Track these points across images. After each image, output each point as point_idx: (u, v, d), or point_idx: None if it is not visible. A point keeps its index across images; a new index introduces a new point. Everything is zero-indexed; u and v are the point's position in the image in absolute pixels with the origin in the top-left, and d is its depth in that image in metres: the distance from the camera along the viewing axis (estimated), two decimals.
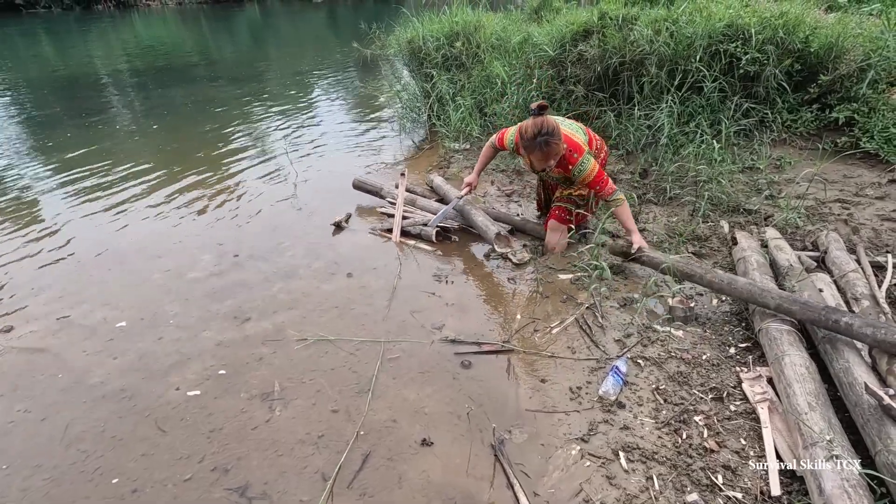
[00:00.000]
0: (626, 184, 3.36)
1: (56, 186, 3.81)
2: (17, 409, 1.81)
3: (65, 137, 4.99)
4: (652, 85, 3.65)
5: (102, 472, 1.57)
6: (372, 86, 6.89)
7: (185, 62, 9.86)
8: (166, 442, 1.68)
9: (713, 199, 2.97)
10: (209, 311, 2.33)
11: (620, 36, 3.72)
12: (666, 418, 1.68)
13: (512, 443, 1.64)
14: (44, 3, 20.40)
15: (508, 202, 3.30)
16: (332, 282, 2.55)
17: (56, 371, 1.99)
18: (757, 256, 2.32)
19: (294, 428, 1.72)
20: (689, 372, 1.87)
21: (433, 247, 2.83)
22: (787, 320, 1.87)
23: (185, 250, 2.87)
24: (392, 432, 1.69)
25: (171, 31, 16.37)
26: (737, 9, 3.66)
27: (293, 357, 2.04)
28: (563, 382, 1.87)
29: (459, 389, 1.86)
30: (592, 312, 2.23)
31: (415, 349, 2.07)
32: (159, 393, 1.87)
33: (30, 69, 8.94)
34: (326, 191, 3.65)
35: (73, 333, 2.20)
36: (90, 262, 2.76)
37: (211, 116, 5.76)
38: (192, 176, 3.96)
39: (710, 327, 2.11)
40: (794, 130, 3.62)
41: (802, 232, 2.66)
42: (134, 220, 3.25)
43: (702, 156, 3.18)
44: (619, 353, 1.98)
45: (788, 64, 3.46)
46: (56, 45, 12.25)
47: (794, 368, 1.63)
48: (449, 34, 4.64)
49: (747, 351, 1.95)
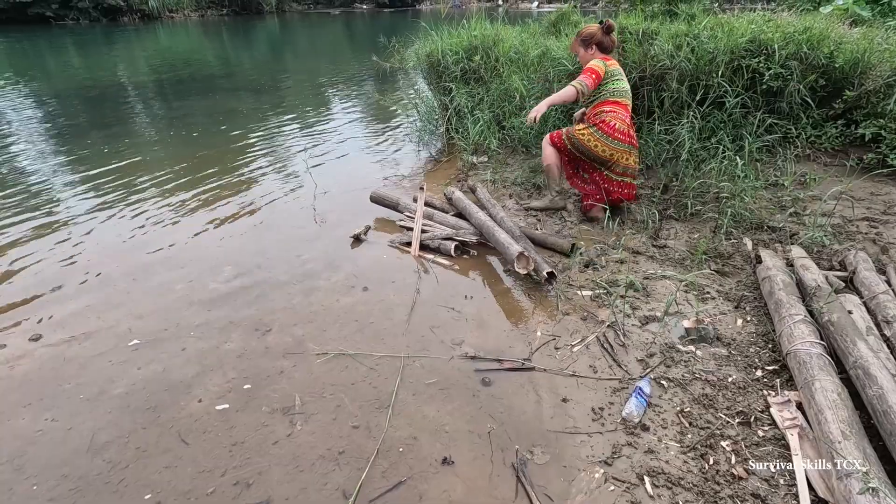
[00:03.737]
0: (647, 199, 3.33)
1: (81, 196, 3.90)
2: (45, 418, 1.84)
3: (90, 147, 5.12)
4: (672, 100, 3.63)
5: (127, 484, 1.58)
6: (390, 98, 6.96)
7: (206, 73, 10.07)
8: (189, 454, 1.69)
9: (736, 216, 2.93)
10: (231, 323, 2.36)
11: (641, 51, 3.71)
12: (692, 442, 1.65)
13: (534, 464, 1.62)
14: (72, 16, 21.03)
15: (527, 216, 3.30)
16: (352, 295, 2.56)
17: (82, 380, 2.02)
18: (783, 276, 2.28)
19: (315, 443, 1.72)
20: (714, 394, 1.84)
21: (451, 261, 2.83)
22: (817, 343, 1.83)
23: (206, 261, 2.91)
24: (413, 450, 1.69)
25: (193, 42, 16.76)
26: (759, 24, 3.63)
27: (313, 371, 2.04)
28: (585, 402, 1.85)
29: (480, 407, 1.85)
30: (614, 330, 2.21)
31: (435, 365, 2.06)
32: (182, 404, 1.89)
33: (57, 80, 9.20)
34: (345, 203, 3.69)
35: (98, 343, 2.24)
36: (115, 273, 2.81)
37: (231, 127, 5.86)
38: (213, 187, 4.03)
39: (735, 348, 2.07)
40: (818, 146, 3.57)
41: (829, 251, 2.61)
42: (157, 231, 3.31)
43: (724, 172, 3.14)
44: (642, 374, 1.96)
45: (813, 79, 3.42)
46: (83, 56, 12.61)
47: (825, 394, 1.59)
48: (468, 48, 4.67)
49: (775, 374, 1.91)
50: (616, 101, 2.92)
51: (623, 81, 2.98)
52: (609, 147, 2.90)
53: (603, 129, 2.89)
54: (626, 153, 2.95)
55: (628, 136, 2.93)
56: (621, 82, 2.96)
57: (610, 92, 2.92)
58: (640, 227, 3.04)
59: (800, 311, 2.02)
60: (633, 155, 3.00)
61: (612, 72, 2.93)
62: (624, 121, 2.91)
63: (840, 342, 1.83)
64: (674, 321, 2.25)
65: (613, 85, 2.93)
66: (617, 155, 2.93)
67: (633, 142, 2.98)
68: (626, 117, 2.93)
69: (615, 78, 2.94)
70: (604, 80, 2.91)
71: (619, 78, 2.96)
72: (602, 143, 2.90)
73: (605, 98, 2.93)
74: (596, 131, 2.91)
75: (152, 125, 6.19)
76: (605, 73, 2.90)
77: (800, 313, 2.00)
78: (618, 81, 2.94)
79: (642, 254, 2.79)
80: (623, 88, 2.96)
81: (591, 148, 2.93)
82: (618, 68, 2.98)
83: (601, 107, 2.94)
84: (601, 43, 2.97)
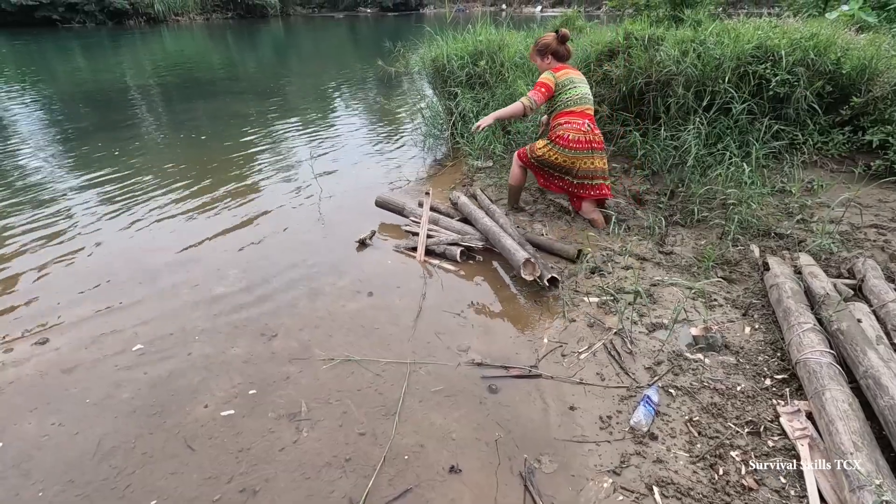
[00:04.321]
0: (653, 204, 3.32)
1: (87, 199, 3.91)
2: (51, 423, 1.84)
3: (95, 150, 5.14)
4: (679, 105, 3.62)
5: (133, 490, 1.58)
6: (395, 102, 6.98)
7: (211, 76, 10.12)
8: (195, 460, 1.68)
9: (743, 223, 2.91)
10: (236, 328, 2.36)
11: (647, 56, 3.71)
12: (701, 452, 1.64)
13: (541, 472, 1.61)
14: (78, 19, 21.21)
15: (532, 222, 3.29)
16: (357, 300, 2.56)
17: (88, 385, 2.02)
18: (791, 283, 2.27)
19: (321, 450, 1.71)
20: (723, 403, 1.82)
21: (457, 267, 2.83)
22: (826, 352, 1.81)
23: (212, 265, 2.91)
24: (420, 458, 1.68)
25: (198, 45, 16.86)
26: (766, 30, 3.63)
27: (319, 377, 2.04)
28: (592, 411, 1.84)
29: (487, 415, 1.84)
30: (621, 338, 2.20)
31: (441, 371, 2.06)
32: (188, 410, 1.89)
33: (63, 83, 9.26)
34: (350, 207, 3.69)
35: (104, 347, 2.24)
36: (121, 276, 2.82)
37: (236, 131, 5.88)
38: (218, 191, 4.04)
39: (744, 356, 2.06)
40: (825, 153, 3.56)
41: (837, 258, 2.59)
42: (162, 234, 3.32)
43: (730, 178, 3.13)
44: (650, 382, 1.94)
45: (820, 86, 3.41)
46: (89, 59, 12.70)
47: (836, 404, 1.58)
48: (473, 53, 4.68)
49: (784, 383, 1.89)
50: (570, 111, 2.98)
51: (580, 87, 3.02)
52: (568, 157, 2.99)
53: (559, 143, 2.98)
54: (587, 158, 3.00)
55: (586, 142, 2.96)
56: (577, 88, 3.00)
57: (564, 102, 3.00)
58: (647, 234, 3.03)
59: (809, 319, 2.01)
60: (597, 158, 3.02)
61: (564, 82, 2.99)
62: (579, 129, 2.95)
63: (850, 351, 1.82)
64: (681, 329, 2.24)
65: (568, 94, 2.99)
66: (578, 162, 2.99)
67: (594, 146, 2.99)
68: (581, 125, 2.96)
69: (570, 86, 2.99)
70: (557, 91, 3.00)
71: (574, 86, 3.00)
72: (561, 156, 3.00)
73: (560, 110, 3.02)
74: (553, 146, 3.01)
75: (157, 129, 6.22)
76: (557, 85, 2.98)
77: (809, 322, 1.99)
78: (573, 89, 2.99)
79: (649, 260, 2.78)
80: (578, 95, 2.99)
81: (552, 161, 3.04)
82: (574, 75, 3.04)
83: (557, 120, 3.03)
84: (556, 52, 3.05)
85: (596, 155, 3.00)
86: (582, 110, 2.99)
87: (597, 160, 3.02)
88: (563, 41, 3.03)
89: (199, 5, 25.69)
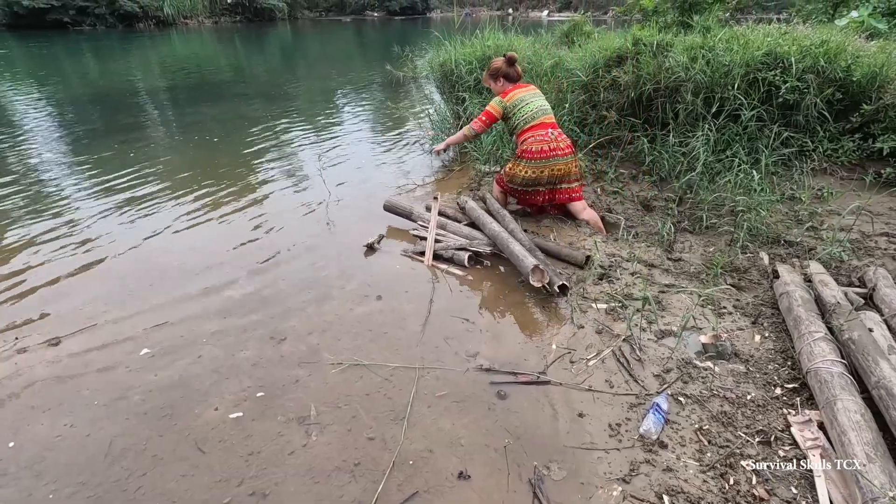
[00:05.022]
0: (661, 211, 3.32)
1: (97, 201, 3.95)
2: (63, 424, 1.85)
3: (105, 152, 5.18)
4: (687, 112, 3.62)
5: (145, 492, 1.59)
6: (404, 106, 7.00)
7: (219, 79, 10.20)
8: (205, 463, 1.69)
9: (752, 230, 2.91)
10: (246, 331, 2.37)
11: (655, 62, 3.72)
12: (711, 461, 1.63)
13: (551, 480, 1.61)
14: (89, 22, 21.43)
15: (540, 227, 3.29)
16: (365, 304, 2.56)
17: (100, 386, 2.04)
18: (801, 292, 2.26)
19: (330, 454, 1.72)
20: (733, 412, 1.82)
21: (465, 272, 2.83)
22: (838, 362, 1.80)
23: (221, 268, 2.93)
24: (429, 463, 1.68)
25: (206, 48, 17.00)
26: (775, 37, 3.63)
27: (328, 381, 2.05)
28: (601, 418, 1.84)
29: (496, 421, 1.84)
30: (629, 345, 2.19)
31: (449, 377, 2.06)
32: (198, 412, 1.90)
33: (74, 85, 9.36)
34: (358, 211, 3.70)
35: (116, 349, 2.26)
36: (132, 278, 2.84)
37: (244, 134, 5.92)
38: (226, 194, 4.06)
39: (754, 365, 2.05)
40: (835, 160, 3.55)
41: (848, 267, 2.58)
42: (172, 237, 3.35)
43: (739, 185, 3.12)
44: (659, 390, 1.94)
45: (830, 93, 3.40)
46: (99, 62, 12.83)
47: (848, 415, 1.57)
48: (481, 58, 4.70)
49: (794, 392, 1.88)
50: (531, 126, 3.08)
51: (534, 101, 3.11)
52: (536, 168, 3.08)
53: (525, 157, 3.09)
54: (553, 165, 3.07)
55: (550, 150, 3.05)
56: (531, 104, 3.10)
57: (522, 121, 3.11)
58: (655, 240, 3.03)
59: (819, 328, 2.00)
60: (566, 163, 3.10)
61: (515, 103, 3.11)
62: (542, 139, 3.05)
63: (861, 361, 1.81)
64: (690, 336, 2.23)
65: (522, 113, 3.10)
66: (545, 170, 3.08)
67: (558, 153, 3.06)
68: (545, 135, 3.06)
69: (522, 105, 3.11)
70: (508, 114, 3.14)
71: (526, 103, 3.10)
72: (529, 168, 3.09)
73: (521, 128, 3.12)
74: (520, 161, 3.12)
75: (166, 131, 6.27)
76: (506, 109, 3.13)
77: (819, 330, 1.98)
78: (526, 106, 3.10)
79: (657, 267, 2.77)
80: (533, 110, 3.09)
81: (526, 176, 3.12)
82: (525, 93, 3.13)
83: (521, 137, 3.13)
84: (507, 74, 3.20)
85: (560, 161, 3.08)
86: (541, 122, 3.09)
87: (566, 164, 3.10)
88: (512, 63, 3.19)
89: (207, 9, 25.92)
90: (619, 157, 3.94)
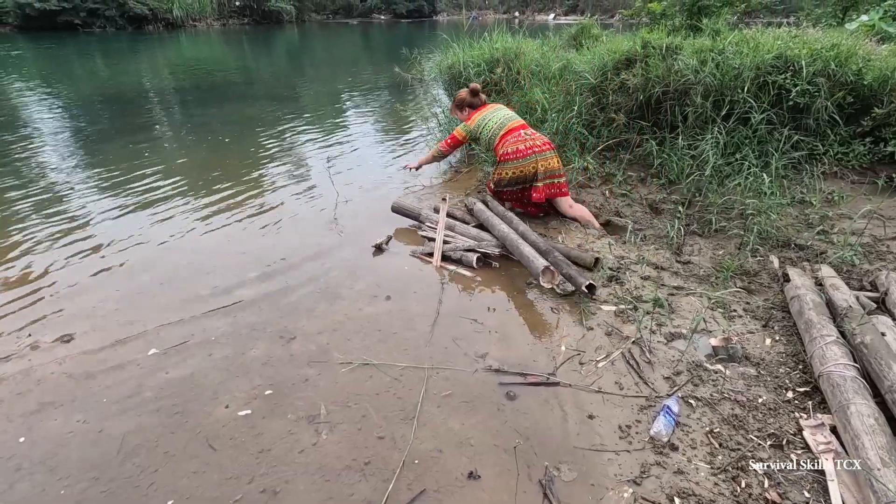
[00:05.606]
0: (669, 214, 3.31)
1: (108, 201, 3.99)
2: (76, 420, 1.87)
3: (114, 153, 5.23)
4: (696, 115, 3.61)
5: (157, 489, 1.60)
6: (411, 108, 7.02)
7: (227, 81, 10.27)
8: (216, 460, 1.70)
9: (762, 233, 2.89)
10: (256, 329, 2.38)
11: (664, 65, 3.71)
12: (722, 464, 1.62)
13: (561, 481, 1.61)
14: (99, 24, 21.64)
15: (548, 230, 3.29)
16: (374, 304, 2.57)
17: (112, 382, 2.05)
18: (812, 295, 2.25)
19: (340, 453, 1.72)
20: (744, 415, 1.81)
21: (473, 273, 2.83)
22: (850, 365, 1.79)
23: (231, 268, 2.94)
24: (438, 463, 1.68)
25: (214, 50, 17.12)
26: (785, 40, 3.62)
27: (338, 380, 2.05)
28: (611, 420, 1.83)
29: (505, 421, 1.84)
30: (639, 347, 2.19)
31: (458, 377, 2.06)
32: (209, 410, 1.91)
33: (84, 86, 9.44)
34: (366, 212, 3.72)
35: (127, 346, 2.27)
36: (143, 276, 2.86)
37: (252, 135, 5.96)
38: (235, 194, 4.09)
39: (765, 368, 2.04)
40: (845, 164, 3.53)
41: (859, 271, 2.56)
42: (182, 236, 3.37)
43: (749, 188, 3.11)
44: (670, 392, 1.93)
45: (841, 96, 3.38)
46: (108, 63, 12.95)
47: (861, 419, 1.56)
48: (489, 60, 4.71)
49: (806, 396, 1.87)
50: (502, 135, 3.25)
51: (497, 113, 3.32)
52: (518, 167, 3.19)
53: (506, 159, 3.21)
54: (536, 161, 3.17)
55: (528, 148, 3.17)
56: (494, 117, 3.30)
57: (491, 134, 3.29)
58: (663, 243, 3.02)
59: (831, 331, 1.99)
60: (547, 159, 3.19)
61: (478, 124, 3.33)
62: (518, 140, 3.19)
63: (874, 365, 1.80)
64: (700, 339, 2.23)
65: (488, 129, 3.30)
66: (528, 167, 3.18)
67: (536, 149, 3.17)
68: (518, 137, 3.20)
69: (486, 122, 3.31)
70: (473, 135, 3.37)
71: (489, 119, 3.30)
72: (512, 169, 3.21)
73: (494, 140, 3.28)
74: (503, 165, 3.25)
75: (176, 132, 6.32)
76: (470, 132, 3.36)
77: (831, 334, 1.97)
78: (490, 121, 3.30)
79: (666, 269, 2.77)
80: (498, 121, 3.28)
81: (509, 178, 3.24)
82: (487, 112, 3.35)
83: (498, 146, 3.27)
84: (472, 104, 3.47)
85: (540, 158, 3.18)
86: (510, 128, 3.24)
87: (547, 161, 3.19)
88: (475, 94, 3.44)
89: (216, 11, 26.12)
90: (627, 160, 3.94)
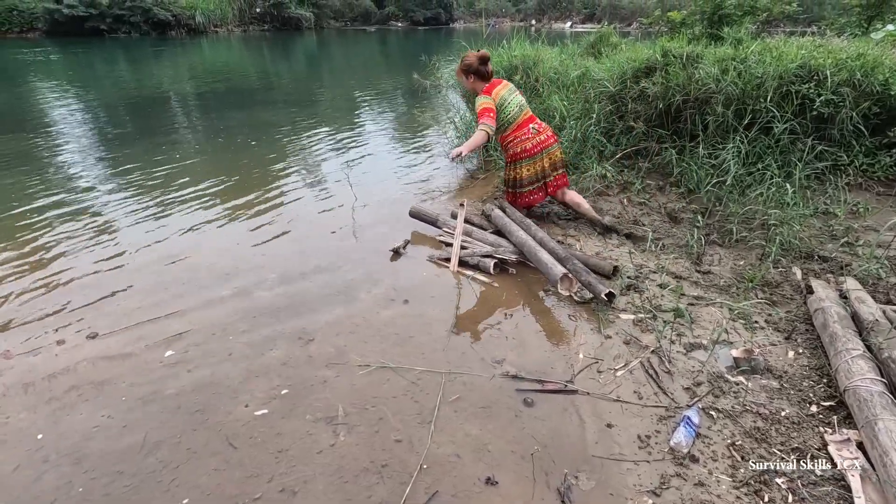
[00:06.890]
0: (688, 223, 3.28)
1: (131, 202, 4.07)
2: (101, 415, 1.91)
3: (136, 156, 5.33)
4: (717, 124, 3.58)
5: (179, 485, 1.62)
6: (427, 114, 7.07)
7: (246, 86, 10.44)
8: (237, 458, 1.72)
9: (784, 244, 2.85)
10: (275, 331, 2.41)
11: (685, 74, 3.69)
12: (744, 478, 1.60)
13: (579, 489, 1.60)
14: (124, 29, 22.18)
15: (566, 237, 3.28)
16: (392, 308, 2.59)
17: (136, 379, 2.09)
18: (837, 308, 2.21)
19: (358, 455, 1.74)
20: (767, 428, 1.78)
21: (491, 279, 2.84)
22: (877, 380, 1.75)
23: (251, 270, 2.98)
24: (455, 468, 1.68)
25: (235, 56, 17.44)
26: (809, 49, 3.58)
27: (356, 382, 2.07)
28: (630, 429, 1.82)
29: (523, 428, 1.84)
30: (658, 356, 2.17)
31: (476, 382, 2.06)
32: (229, 409, 1.94)
33: (108, 90, 9.67)
34: (383, 217, 3.74)
35: (151, 344, 2.32)
36: (166, 276, 2.92)
37: (272, 139, 6.05)
38: (254, 197, 4.15)
39: (788, 381, 2.00)
40: (871, 175, 3.46)
41: (885, 284, 2.51)
42: (203, 238, 3.43)
43: (771, 198, 3.07)
44: (690, 403, 1.91)
45: (866, 107, 3.33)
46: (132, 68, 13.26)
47: (890, 435, 1.53)
48: (508, 67, 4.73)
49: (831, 410, 1.84)
50: (516, 124, 3.22)
51: (513, 98, 3.22)
52: (534, 165, 3.26)
53: (519, 158, 3.26)
54: (550, 154, 3.26)
55: (539, 144, 3.22)
56: (511, 101, 3.20)
57: (507, 120, 3.21)
58: (683, 252, 2.99)
59: (857, 345, 1.95)
60: (552, 154, 3.27)
61: (501, 102, 3.19)
62: (528, 137, 3.21)
63: None
64: (721, 350, 2.20)
65: (507, 112, 3.19)
66: (539, 163, 3.26)
67: (547, 143, 3.24)
68: (528, 131, 3.22)
69: (505, 105, 3.19)
70: (499, 106, 3.19)
71: (507, 101, 3.20)
72: (527, 167, 3.26)
73: (507, 128, 3.24)
74: (517, 164, 3.29)
75: (197, 135, 6.44)
76: (497, 107, 3.18)
77: (857, 348, 1.93)
78: (509, 105, 3.19)
79: (685, 279, 2.74)
80: (515, 107, 3.21)
81: (527, 176, 3.29)
82: (502, 90, 3.22)
83: (507, 139, 3.27)
84: (478, 71, 3.25)
85: (552, 150, 3.25)
86: (524, 119, 3.24)
87: (553, 155, 3.26)
88: (485, 62, 3.24)
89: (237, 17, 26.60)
90: (646, 168, 3.92)
